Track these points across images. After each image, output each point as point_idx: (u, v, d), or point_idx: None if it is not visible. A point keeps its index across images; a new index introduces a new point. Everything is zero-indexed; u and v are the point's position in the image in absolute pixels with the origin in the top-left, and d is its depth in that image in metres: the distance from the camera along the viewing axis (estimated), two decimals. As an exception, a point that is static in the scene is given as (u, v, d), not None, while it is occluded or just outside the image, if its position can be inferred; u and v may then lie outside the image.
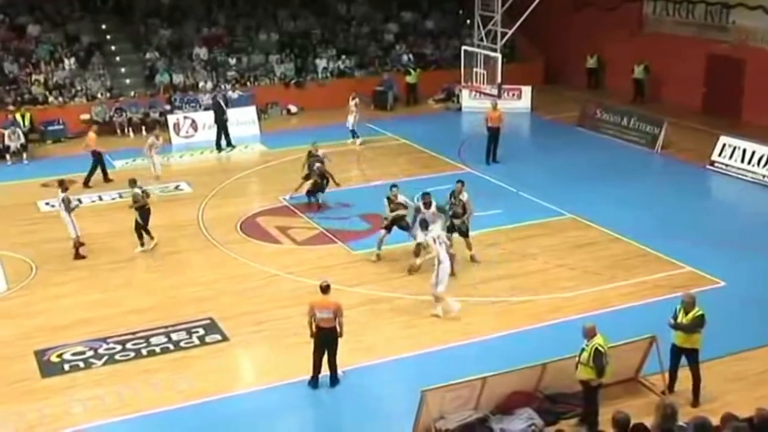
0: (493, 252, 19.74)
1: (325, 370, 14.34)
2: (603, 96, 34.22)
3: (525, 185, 24.17)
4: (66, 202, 19.93)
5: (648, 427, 10.29)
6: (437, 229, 17.78)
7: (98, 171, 25.64)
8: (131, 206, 20.27)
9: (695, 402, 13.49)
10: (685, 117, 30.68)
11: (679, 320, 13.35)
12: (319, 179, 22.76)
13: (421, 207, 18.62)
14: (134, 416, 13.65)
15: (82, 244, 20.14)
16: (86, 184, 25.35)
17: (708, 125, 29.48)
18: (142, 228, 20.26)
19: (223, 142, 29.48)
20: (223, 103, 30.09)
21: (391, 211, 19.14)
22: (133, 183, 20.47)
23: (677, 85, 32.98)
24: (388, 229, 19.31)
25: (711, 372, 13.92)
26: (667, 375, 13.77)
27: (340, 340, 14.20)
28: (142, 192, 20.47)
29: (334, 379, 14.37)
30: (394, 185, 19.56)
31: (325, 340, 14.10)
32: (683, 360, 13.59)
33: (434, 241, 16.78)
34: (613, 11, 34.68)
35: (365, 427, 13.46)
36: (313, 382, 14.28)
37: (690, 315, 13.26)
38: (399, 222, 19.27)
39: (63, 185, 20.29)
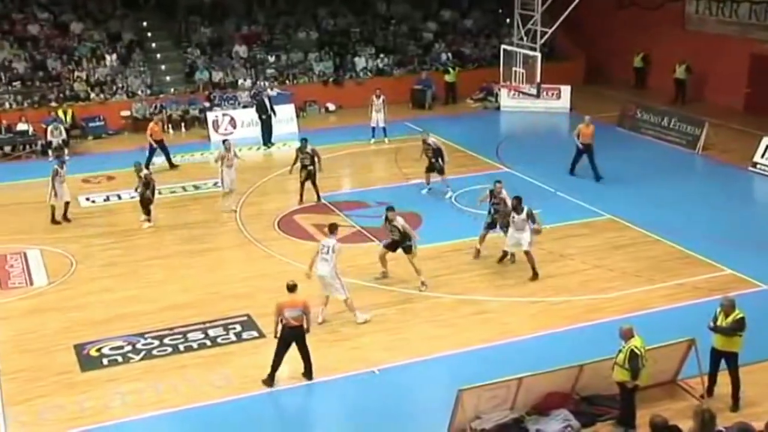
0: (531, 252, 19.57)
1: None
2: (646, 96, 33.90)
3: (563, 185, 24.05)
4: (54, 173, 21.90)
5: (683, 430, 10.22)
6: (524, 236, 18.06)
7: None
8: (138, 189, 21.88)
9: (735, 406, 13.35)
10: (728, 118, 30.31)
11: (718, 323, 13.21)
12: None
13: (512, 212, 18.34)
14: (172, 411, 13.77)
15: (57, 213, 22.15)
16: (172, 166, 26.93)
17: (751, 126, 29.09)
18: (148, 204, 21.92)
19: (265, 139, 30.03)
20: (267, 102, 30.31)
21: (389, 231, 18.12)
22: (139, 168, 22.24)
23: (720, 86, 32.60)
24: (390, 248, 18.27)
25: (751, 376, 13.74)
26: (705, 378, 13.62)
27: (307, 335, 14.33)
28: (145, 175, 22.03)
29: (309, 371, 14.41)
30: (390, 207, 18.47)
31: (294, 337, 14.17)
32: (723, 364, 13.43)
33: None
34: (656, 10, 34.33)
35: (400, 425, 13.45)
36: (270, 380, 14.30)
37: (730, 318, 13.12)
38: (401, 244, 18.14)
39: (56, 153, 23.97)
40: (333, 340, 15.86)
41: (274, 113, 30.29)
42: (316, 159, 23.02)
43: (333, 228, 16.76)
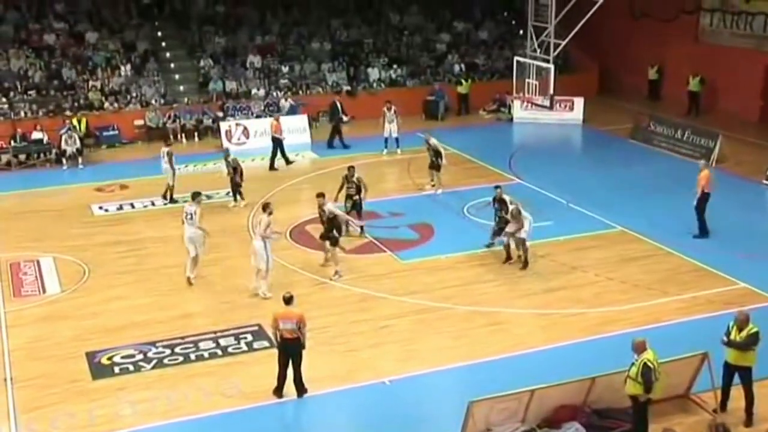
0: (544, 263, 19.63)
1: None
2: (659, 108, 33.84)
3: (576, 197, 23.96)
4: (170, 155, 24.25)
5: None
6: (523, 229, 18.86)
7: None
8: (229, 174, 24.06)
9: (748, 421, 13.24)
10: (742, 130, 30.23)
11: (732, 337, 13.12)
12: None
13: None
14: (182, 420, 13.77)
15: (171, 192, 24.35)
16: (271, 167, 28.21)
17: (765, 139, 29.03)
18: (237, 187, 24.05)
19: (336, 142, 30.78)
20: (339, 106, 30.52)
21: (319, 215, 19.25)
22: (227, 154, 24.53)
23: (734, 98, 32.53)
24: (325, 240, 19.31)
25: (765, 391, 13.64)
26: (719, 393, 13.52)
27: (304, 351, 14.23)
28: (232, 160, 24.13)
29: (300, 389, 14.33)
30: (320, 194, 19.29)
31: (289, 350, 14.12)
32: (736, 378, 13.33)
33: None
34: (670, 22, 34.27)
35: (411, 437, 13.39)
36: (278, 392, 14.29)
37: (744, 332, 13.04)
38: (330, 233, 19.05)
39: (167, 143, 25.34)
40: (345, 350, 15.82)
41: (346, 115, 31.20)
42: (362, 188, 21.84)
43: (194, 196, 18.82)
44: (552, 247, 20.47)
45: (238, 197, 24.25)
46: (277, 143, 28.29)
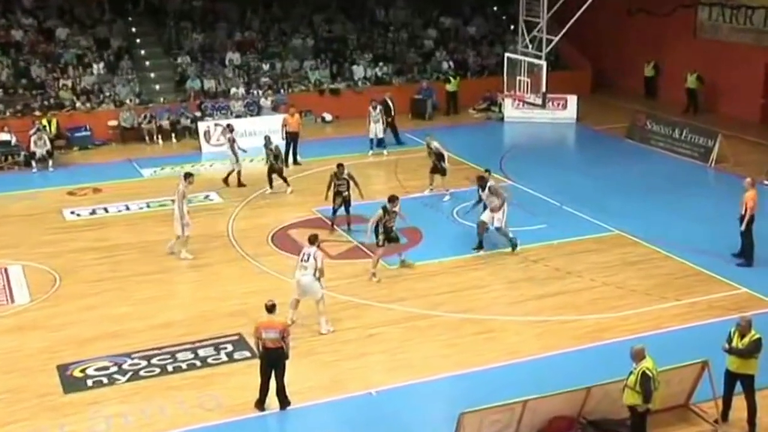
0: (537, 268, 19.37)
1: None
2: (656, 106, 33.75)
3: (569, 199, 23.64)
4: (231, 140, 25.53)
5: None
6: (496, 216, 19.55)
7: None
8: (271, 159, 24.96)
9: (751, 432, 13.06)
10: (742, 129, 30.10)
11: (733, 344, 12.91)
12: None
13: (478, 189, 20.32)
14: (158, 435, 13.44)
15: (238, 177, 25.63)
16: (295, 162, 28.23)
17: (766, 138, 28.97)
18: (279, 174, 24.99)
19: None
20: (391, 104, 29.99)
21: (385, 223, 19.00)
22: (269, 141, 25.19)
23: (734, 96, 32.36)
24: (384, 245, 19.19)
25: (768, 400, 13.45)
26: (720, 402, 13.29)
27: (287, 362, 13.93)
28: (275, 147, 25.01)
29: (282, 401, 14.03)
30: (395, 196, 19.38)
31: (272, 360, 13.83)
32: (738, 387, 13.11)
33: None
34: (667, 17, 34.12)
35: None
36: (260, 405, 14.00)
37: (746, 339, 12.83)
38: (389, 235, 19.18)
39: (229, 128, 26.77)
40: (330, 360, 15.51)
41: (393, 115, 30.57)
42: (352, 184, 21.71)
43: (313, 239, 16.72)
44: (546, 251, 20.18)
45: (280, 183, 25.06)
46: (294, 138, 27.90)
